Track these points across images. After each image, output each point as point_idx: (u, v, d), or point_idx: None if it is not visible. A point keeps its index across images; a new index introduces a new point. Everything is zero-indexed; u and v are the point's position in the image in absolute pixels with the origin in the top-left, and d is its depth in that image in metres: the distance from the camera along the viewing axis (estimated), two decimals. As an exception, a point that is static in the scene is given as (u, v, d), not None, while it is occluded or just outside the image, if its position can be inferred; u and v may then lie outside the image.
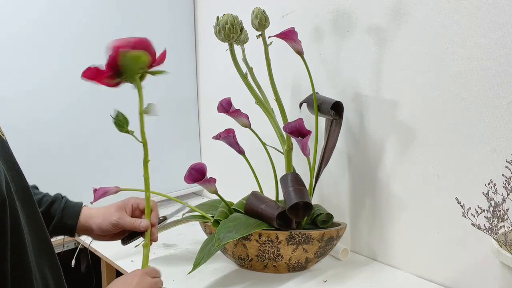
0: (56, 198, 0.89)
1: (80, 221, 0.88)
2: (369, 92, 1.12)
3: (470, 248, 0.97)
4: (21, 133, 1.26)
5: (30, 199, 0.74)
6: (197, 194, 1.76)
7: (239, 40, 1.08)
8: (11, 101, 1.24)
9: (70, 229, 0.88)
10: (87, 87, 1.38)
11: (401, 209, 1.10)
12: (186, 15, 1.60)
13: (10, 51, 1.23)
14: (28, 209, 0.72)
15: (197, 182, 1.07)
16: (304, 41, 1.08)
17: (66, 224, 0.87)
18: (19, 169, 0.74)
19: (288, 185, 1.06)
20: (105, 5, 1.38)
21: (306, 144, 1.06)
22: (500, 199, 0.76)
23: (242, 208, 1.14)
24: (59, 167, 1.34)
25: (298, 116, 1.09)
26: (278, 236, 1.04)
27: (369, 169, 1.15)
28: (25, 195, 0.72)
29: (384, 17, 1.05)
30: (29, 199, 0.73)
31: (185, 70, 1.63)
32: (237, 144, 1.14)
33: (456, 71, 0.94)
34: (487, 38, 0.89)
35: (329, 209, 1.17)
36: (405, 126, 1.06)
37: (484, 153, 0.92)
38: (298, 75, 1.29)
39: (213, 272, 1.12)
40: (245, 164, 1.15)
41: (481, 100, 0.91)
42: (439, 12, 0.95)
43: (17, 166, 0.73)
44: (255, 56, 1.13)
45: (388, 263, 1.15)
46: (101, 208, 0.90)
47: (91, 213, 0.89)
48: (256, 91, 1.11)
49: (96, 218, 0.88)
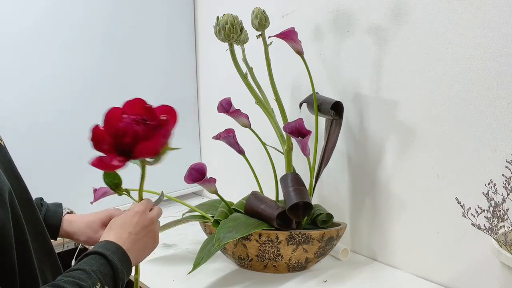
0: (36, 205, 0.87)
1: (61, 233, 0.89)
2: (369, 92, 1.12)
3: (470, 248, 0.97)
4: (20, 134, 1.26)
5: (30, 205, 0.74)
6: (197, 194, 1.76)
7: (239, 40, 1.08)
8: (9, 102, 1.24)
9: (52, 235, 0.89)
10: (86, 88, 1.39)
11: (401, 209, 1.10)
12: (186, 15, 1.60)
13: (9, 53, 1.22)
14: (28, 214, 0.73)
15: (197, 182, 1.07)
16: (304, 41, 1.08)
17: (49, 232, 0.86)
18: (18, 174, 0.74)
19: (288, 185, 1.06)
20: (104, 5, 1.38)
21: (306, 144, 1.06)
22: (500, 199, 0.76)
23: (242, 208, 1.14)
24: (59, 167, 1.34)
25: (298, 116, 1.09)
26: (278, 236, 1.04)
27: (369, 169, 1.15)
28: (25, 201, 0.73)
29: (384, 17, 1.05)
30: (30, 205, 0.74)
31: (185, 70, 1.63)
32: (237, 144, 1.14)
33: (456, 71, 0.94)
34: (487, 38, 0.89)
35: (329, 209, 1.17)
36: (405, 126, 1.06)
37: (484, 153, 0.92)
38: (298, 75, 1.29)
39: (213, 272, 1.11)
40: (245, 164, 1.15)
41: (481, 100, 0.91)
42: (439, 12, 0.95)
43: (16, 171, 0.74)
44: (255, 56, 1.13)
45: (388, 263, 1.15)
46: (84, 224, 0.90)
47: (74, 230, 0.89)
48: (256, 91, 1.11)
49: (79, 235, 0.89)
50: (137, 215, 0.76)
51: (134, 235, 0.74)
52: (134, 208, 0.78)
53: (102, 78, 1.40)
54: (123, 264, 0.69)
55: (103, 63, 1.41)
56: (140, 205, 0.78)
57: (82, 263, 0.67)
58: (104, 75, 1.41)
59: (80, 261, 0.67)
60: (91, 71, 1.39)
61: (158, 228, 0.80)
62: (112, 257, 0.68)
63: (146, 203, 0.79)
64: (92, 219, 0.90)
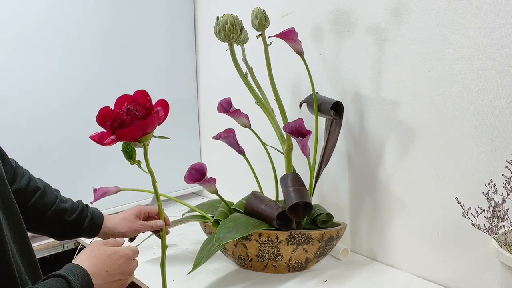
0: (83, 208, 1.00)
1: (103, 229, 1.00)
2: (369, 92, 1.12)
3: (470, 248, 0.97)
4: (21, 132, 1.26)
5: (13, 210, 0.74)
6: (197, 194, 1.76)
7: (239, 40, 1.08)
8: (11, 100, 1.24)
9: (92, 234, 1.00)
10: (87, 87, 1.39)
11: (401, 209, 1.10)
12: (186, 15, 1.60)
13: (11, 51, 1.23)
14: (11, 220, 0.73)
15: (197, 182, 1.07)
16: (304, 41, 1.08)
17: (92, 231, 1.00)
18: (3, 176, 0.74)
19: (288, 185, 1.06)
20: (105, 5, 1.38)
21: (306, 144, 1.06)
22: (500, 199, 0.76)
23: (242, 208, 1.14)
24: (59, 167, 1.34)
25: (298, 116, 1.09)
26: (278, 236, 1.04)
27: (369, 169, 1.15)
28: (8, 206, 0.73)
29: (384, 17, 1.05)
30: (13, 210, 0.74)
31: (185, 70, 1.63)
32: (237, 144, 1.14)
33: (456, 71, 0.94)
34: (487, 38, 0.89)
35: (329, 209, 1.17)
36: (405, 126, 1.06)
37: (484, 153, 0.92)
38: (298, 75, 1.29)
39: (213, 272, 1.12)
40: (245, 164, 1.15)
41: (481, 100, 0.91)
42: (439, 12, 0.95)
43: (1, 172, 0.74)
44: (255, 56, 1.13)
45: (388, 263, 1.15)
46: (121, 218, 1.03)
47: (114, 224, 1.02)
48: (256, 91, 1.11)
49: (120, 227, 1.01)
50: (122, 258, 0.78)
51: (110, 275, 0.75)
52: (123, 251, 0.79)
53: (102, 78, 1.41)
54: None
55: (103, 63, 1.41)
56: (130, 251, 0.80)
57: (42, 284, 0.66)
58: (105, 75, 1.41)
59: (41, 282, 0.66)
60: (92, 71, 1.39)
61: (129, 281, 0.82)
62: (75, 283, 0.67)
63: (136, 251, 0.83)
64: (127, 214, 1.03)
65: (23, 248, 0.75)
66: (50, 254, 1.34)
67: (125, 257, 0.78)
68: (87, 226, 0.98)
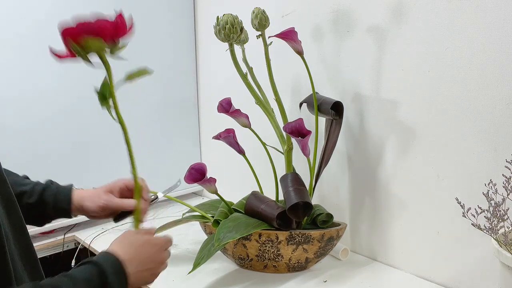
0: (47, 186, 0.90)
1: (73, 203, 0.90)
2: (369, 92, 1.12)
3: (470, 248, 0.97)
4: (21, 133, 1.26)
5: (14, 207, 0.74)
6: (197, 194, 1.76)
7: (239, 40, 1.08)
8: (11, 101, 1.24)
9: (65, 212, 0.90)
10: (86, 87, 1.39)
11: (401, 209, 1.10)
12: (186, 15, 1.60)
13: (11, 52, 1.23)
14: (12, 217, 0.72)
15: (197, 182, 1.07)
16: (304, 41, 1.08)
17: (61, 208, 0.89)
18: (3, 176, 0.74)
19: (288, 185, 1.06)
20: (105, 5, 1.38)
21: (306, 144, 1.06)
22: (500, 199, 0.76)
23: (242, 208, 1.14)
24: (59, 168, 1.34)
25: (298, 116, 1.09)
26: (278, 236, 1.04)
27: (369, 169, 1.15)
28: (9, 203, 0.72)
29: (384, 17, 1.05)
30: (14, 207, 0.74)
31: (185, 70, 1.63)
32: (237, 144, 1.14)
33: (456, 71, 0.94)
34: (487, 38, 0.89)
35: (329, 209, 1.17)
36: (405, 126, 1.06)
37: (484, 153, 0.92)
38: (298, 75, 1.29)
39: (213, 272, 1.12)
40: (245, 164, 1.15)
41: (481, 100, 0.91)
42: (439, 12, 0.95)
43: (1, 172, 0.73)
44: (255, 56, 1.13)
45: (388, 263, 1.15)
46: (90, 191, 0.91)
47: (83, 196, 0.90)
48: (256, 91, 1.11)
49: (87, 200, 0.89)
50: (155, 247, 0.76)
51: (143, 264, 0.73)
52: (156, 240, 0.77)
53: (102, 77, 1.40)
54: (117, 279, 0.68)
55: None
56: (163, 240, 0.78)
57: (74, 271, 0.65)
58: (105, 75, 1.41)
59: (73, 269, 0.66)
60: (92, 71, 1.38)
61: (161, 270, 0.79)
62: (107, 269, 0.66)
63: (169, 241, 0.80)
64: (97, 188, 0.92)
65: (23, 245, 0.75)
66: (50, 254, 1.34)
67: (157, 246, 0.77)
68: (51, 202, 0.88)
